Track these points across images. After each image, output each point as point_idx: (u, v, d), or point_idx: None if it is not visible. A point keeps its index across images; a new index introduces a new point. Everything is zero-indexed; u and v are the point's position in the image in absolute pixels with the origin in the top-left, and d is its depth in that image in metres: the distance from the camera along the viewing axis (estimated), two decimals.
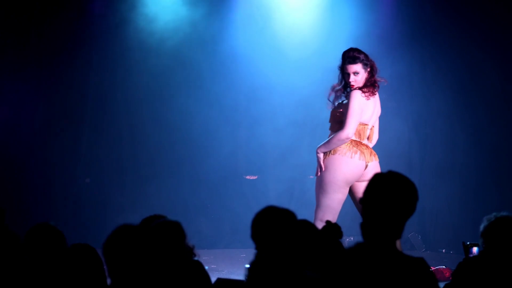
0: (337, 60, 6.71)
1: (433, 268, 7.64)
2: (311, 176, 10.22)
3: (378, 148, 7.31)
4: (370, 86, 6.71)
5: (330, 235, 4.08)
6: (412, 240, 10.26)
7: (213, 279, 4.43)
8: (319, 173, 6.64)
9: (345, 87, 6.78)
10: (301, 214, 4.01)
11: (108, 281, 3.73)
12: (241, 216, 9.52)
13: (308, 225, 4.11)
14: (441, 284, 3.97)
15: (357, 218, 3.29)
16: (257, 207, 3.97)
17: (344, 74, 6.73)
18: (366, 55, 6.74)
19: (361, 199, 3.35)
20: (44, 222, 4.19)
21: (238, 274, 7.50)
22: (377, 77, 6.79)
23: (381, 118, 6.85)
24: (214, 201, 10.61)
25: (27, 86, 10.19)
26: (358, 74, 6.70)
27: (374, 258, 3.19)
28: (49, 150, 10.33)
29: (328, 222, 4.20)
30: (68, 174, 10.38)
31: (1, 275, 4.02)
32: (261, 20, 10.56)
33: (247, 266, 3.80)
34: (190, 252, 4.38)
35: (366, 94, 6.69)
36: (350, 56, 6.74)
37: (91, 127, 10.47)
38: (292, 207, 3.98)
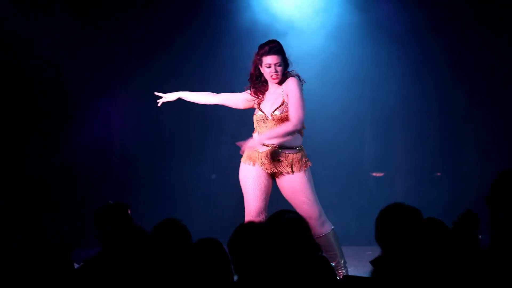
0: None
1: None
2: (439, 174, 10.07)
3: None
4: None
5: (467, 227, 3.99)
6: None
7: None
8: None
9: None
10: (426, 212, 3.94)
11: (235, 277, 3.76)
12: (368, 213, 9.44)
13: (437, 222, 4.05)
14: None
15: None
16: (383, 204, 3.93)
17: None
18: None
19: (487, 197, 3.27)
20: (169, 217, 4.26)
21: (364, 272, 7.44)
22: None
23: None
24: (341, 198, 10.57)
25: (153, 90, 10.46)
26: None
27: (507, 256, 3.12)
28: (177, 148, 10.55)
29: (469, 211, 4.10)
30: (195, 170, 10.55)
31: (127, 269, 4.11)
32: None
33: None
34: (317, 248, 4.38)
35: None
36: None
37: (219, 124, 10.60)
38: (418, 204, 3.92)
